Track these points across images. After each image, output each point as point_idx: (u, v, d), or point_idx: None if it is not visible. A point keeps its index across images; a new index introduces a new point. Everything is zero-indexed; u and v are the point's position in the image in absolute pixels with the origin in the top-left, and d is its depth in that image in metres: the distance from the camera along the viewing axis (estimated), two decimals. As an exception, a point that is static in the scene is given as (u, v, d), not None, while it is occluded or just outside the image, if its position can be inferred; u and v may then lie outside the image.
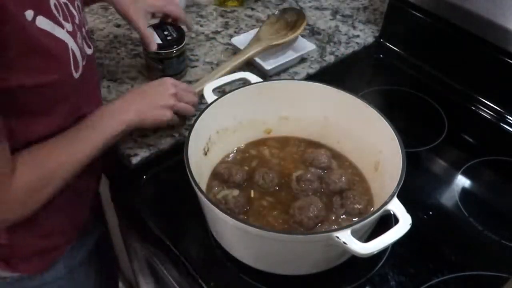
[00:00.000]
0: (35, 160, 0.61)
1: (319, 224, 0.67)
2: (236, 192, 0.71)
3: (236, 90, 0.75)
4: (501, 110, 0.94)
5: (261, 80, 0.79)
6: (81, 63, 0.63)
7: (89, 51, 0.70)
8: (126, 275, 1.47)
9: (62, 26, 0.58)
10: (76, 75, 0.62)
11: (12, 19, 0.50)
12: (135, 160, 0.81)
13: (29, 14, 0.52)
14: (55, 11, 0.58)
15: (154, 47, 0.88)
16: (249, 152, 0.79)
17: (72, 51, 0.60)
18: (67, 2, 0.62)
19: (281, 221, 0.69)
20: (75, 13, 0.64)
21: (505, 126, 0.93)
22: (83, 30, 0.68)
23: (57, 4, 0.59)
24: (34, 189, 0.61)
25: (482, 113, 0.95)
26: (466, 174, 0.83)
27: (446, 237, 0.74)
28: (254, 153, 0.79)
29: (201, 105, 0.91)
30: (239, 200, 0.69)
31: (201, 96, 0.89)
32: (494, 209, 0.80)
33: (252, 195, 0.72)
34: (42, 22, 0.55)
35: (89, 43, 0.71)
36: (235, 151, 0.79)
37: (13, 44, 0.52)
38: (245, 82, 0.78)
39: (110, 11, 1.16)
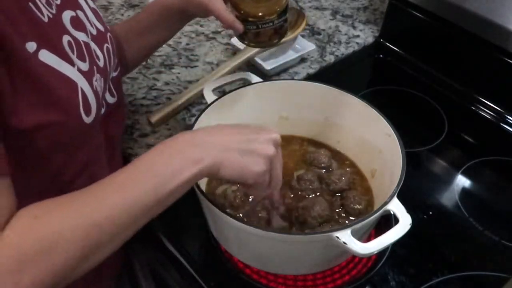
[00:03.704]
0: (35, 219, 0.45)
1: (321, 224, 0.67)
2: (235, 187, 0.71)
3: (236, 90, 0.75)
4: (501, 110, 0.94)
5: (261, 80, 0.79)
6: (94, 108, 0.56)
7: (111, 100, 0.65)
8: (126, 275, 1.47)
9: (72, 64, 0.53)
10: (87, 120, 0.54)
11: (11, 48, 0.45)
12: (135, 160, 0.81)
13: (31, 46, 0.48)
14: (67, 48, 0.53)
15: (238, 28, 0.68)
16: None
17: (83, 92, 0.54)
18: (91, 42, 0.59)
19: (282, 220, 0.69)
20: (100, 56, 0.61)
21: (505, 126, 0.93)
22: (109, 76, 0.63)
23: (72, 41, 0.55)
24: (29, 258, 0.43)
25: (482, 113, 0.95)
26: (466, 174, 0.83)
27: (446, 237, 0.74)
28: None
29: (201, 105, 0.91)
30: (238, 194, 0.69)
31: (201, 96, 0.89)
32: (494, 209, 0.80)
33: (253, 194, 0.72)
34: (46, 56, 0.49)
35: (113, 91, 0.66)
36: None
37: (11, 76, 0.46)
38: (245, 82, 0.78)
39: (110, 11, 1.16)
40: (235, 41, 1.02)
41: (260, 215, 0.68)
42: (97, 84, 0.57)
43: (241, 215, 0.68)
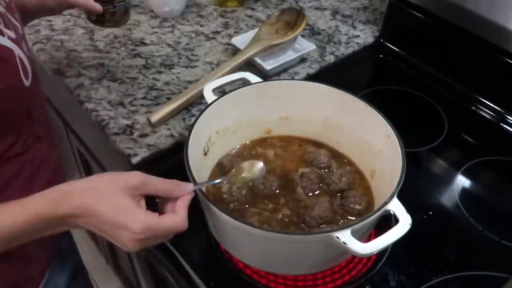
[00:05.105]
0: None
1: (323, 225, 0.67)
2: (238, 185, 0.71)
3: (236, 90, 0.75)
4: (501, 110, 0.94)
5: (261, 80, 0.79)
6: (30, 71, 0.61)
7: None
8: (126, 274, 1.47)
9: (2, 34, 0.57)
10: (27, 83, 0.60)
11: None
12: (135, 160, 0.81)
13: None
14: None
15: (99, 8, 0.78)
16: (255, 149, 0.79)
17: (19, 57, 0.59)
18: (7, 12, 0.62)
19: (282, 219, 0.69)
20: (17, 23, 0.63)
21: (505, 126, 0.93)
22: (26, 41, 0.66)
23: None
24: None
25: (482, 113, 0.95)
26: (466, 174, 0.83)
27: (446, 237, 0.74)
28: (260, 150, 0.79)
29: (201, 105, 0.91)
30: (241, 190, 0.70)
31: (201, 96, 0.89)
32: (494, 209, 0.80)
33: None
34: None
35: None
36: (238, 147, 0.79)
37: None
38: (245, 82, 0.78)
39: (110, 11, 1.16)
40: (235, 41, 1.02)
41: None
42: (25, 49, 0.62)
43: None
